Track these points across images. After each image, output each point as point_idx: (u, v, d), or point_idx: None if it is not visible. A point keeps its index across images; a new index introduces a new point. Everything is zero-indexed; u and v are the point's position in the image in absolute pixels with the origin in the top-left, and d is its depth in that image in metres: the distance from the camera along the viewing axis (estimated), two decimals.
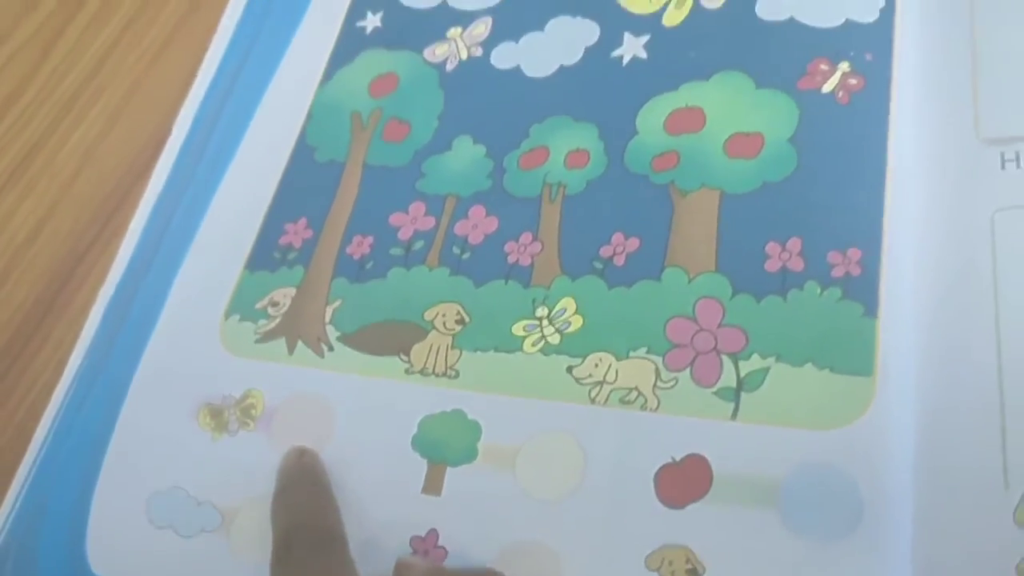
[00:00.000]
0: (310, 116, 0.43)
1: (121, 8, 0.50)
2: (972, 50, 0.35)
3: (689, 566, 0.30)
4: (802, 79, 0.36)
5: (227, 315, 0.39)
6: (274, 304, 0.38)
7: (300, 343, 0.37)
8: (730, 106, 0.36)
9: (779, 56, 0.37)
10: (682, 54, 0.38)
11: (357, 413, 0.35)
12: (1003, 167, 0.33)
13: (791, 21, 0.37)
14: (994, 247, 0.32)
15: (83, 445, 0.37)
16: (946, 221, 0.33)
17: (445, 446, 0.34)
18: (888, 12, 0.36)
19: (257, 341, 0.38)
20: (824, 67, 0.36)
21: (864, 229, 0.33)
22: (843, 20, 0.37)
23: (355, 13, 0.45)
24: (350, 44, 0.44)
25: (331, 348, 0.37)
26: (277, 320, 0.38)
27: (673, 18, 0.39)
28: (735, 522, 0.30)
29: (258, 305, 0.39)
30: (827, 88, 0.35)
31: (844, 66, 0.36)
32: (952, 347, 0.31)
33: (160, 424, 0.37)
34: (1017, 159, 0.33)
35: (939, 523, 0.28)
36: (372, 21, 0.45)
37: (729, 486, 0.30)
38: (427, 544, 0.32)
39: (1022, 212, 0.32)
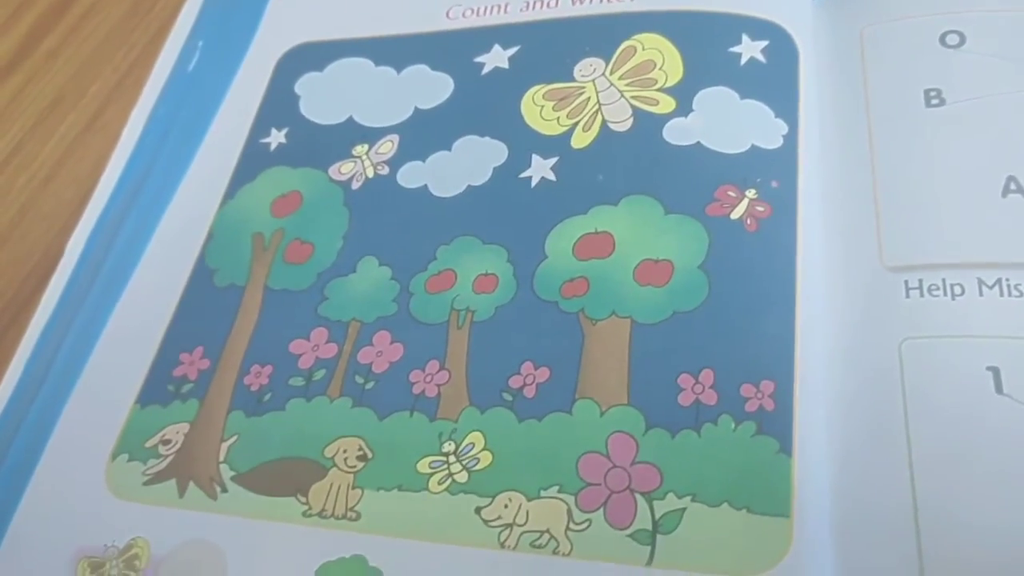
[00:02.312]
0: (211, 236, 0.41)
1: (13, 127, 0.48)
2: (873, 178, 0.35)
3: None
4: (710, 205, 0.36)
5: (114, 455, 0.36)
6: (165, 442, 0.36)
7: (191, 484, 0.35)
8: (639, 231, 0.36)
9: (687, 181, 0.37)
10: (591, 177, 0.38)
11: (251, 561, 0.33)
12: (907, 295, 0.33)
13: (698, 146, 0.37)
14: (903, 377, 0.32)
15: None
16: (856, 351, 0.32)
17: None
18: (791, 139, 0.37)
19: (146, 483, 0.35)
20: (732, 193, 0.36)
21: (776, 360, 0.32)
22: (748, 146, 0.37)
23: (259, 129, 0.44)
24: (253, 161, 0.43)
25: (224, 489, 0.34)
26: (168, 459, 0.36)
27: (581, 140, 0.39)
28: None
29: (148, 444, 0.36)
30: (735, 215, 0.35)
31: (751, 193, 0.36)
32: (866, 485, 0.30)
33: None
34: (921, 287, 0.33)
35: None
36: (276, 137, 0.44)
37: None
38: None
39: (928, 341, 0.32)
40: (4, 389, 0.39)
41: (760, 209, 0.35)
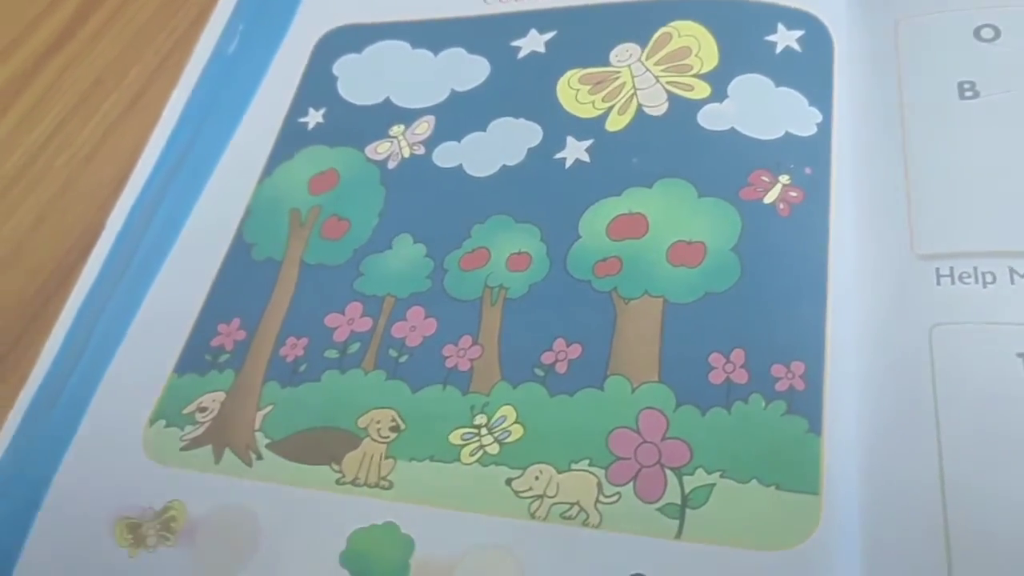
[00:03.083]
0: (249, 212, 0.42)
1: (56, 107, 0.49)
2: (905, 166, 0.35)
3: None
4: (744, 189, 0.36)
5: (152, 421, 0.37)
6: (202, 409, 0.37)
7: (228, 451, 0.36)
8: (673, 213, 0.36)
9: (721, 166, 0.37)
10: (625, 159, 0.38)
11: (284, 526, 0.33)
12: (938, 282, 0.33)
13: (732, 132, 0.38)
14: (933, 362, 0.32)
15: None
16: (886, 335, 0.33)
17: (375, 562, 0.32)
18: (825, 127, 0.37)
19: (183, 449, 0.36)
20: (765, 178, 0.36)
21: (807, 342, 0.33)
22: (783, 132, 0.37)
23: (297, 109, 0.45)
24: (291, 140, 0.44)
25: (260, 456, 0.35)
26: (205, 426, 0.36)
27: (616, 123, 0.40)
28: None
29: (185, 410, 0.37)
30: (768, 199, 0.36)
31: (784, 178, 0.36)
32: (895, 465, 0.30)
33: (74, 539, 0.35)
34: (952, 274, 0.33)
35: None
36: (314, 117, 0.44)
37: None
38: None
39: (958, 328, 0.32)
40: (46, 357, 0.40)
41: (793, 194, 0.36)
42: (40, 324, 0.41)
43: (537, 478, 0.32)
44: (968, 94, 0.37)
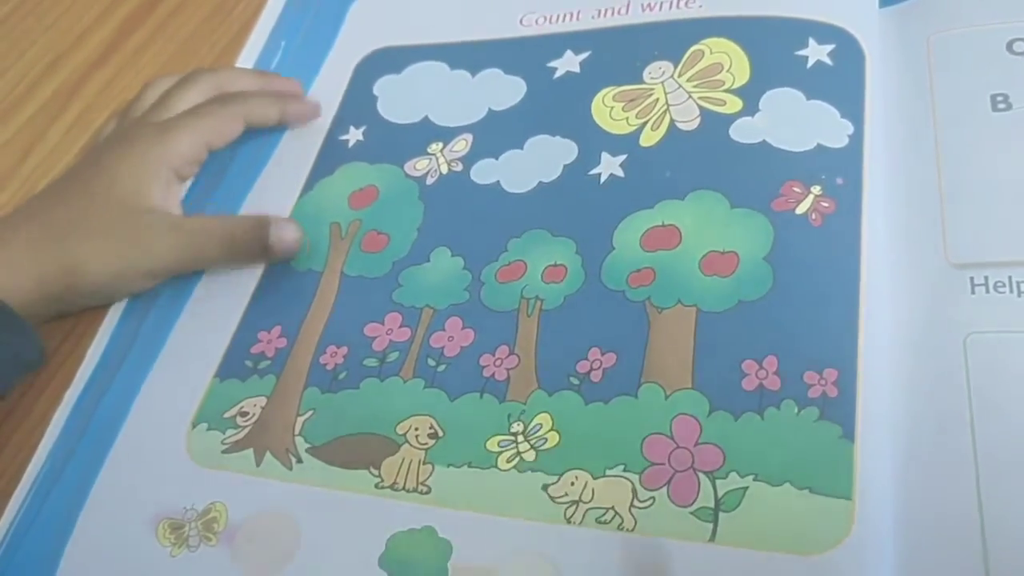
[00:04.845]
0: None
1: (101, 116, 0.51)
2: (938, 176, 0.36)
3: None
4: (776, 200, 0.37)
5: (194, 424, 0.38)
6: (243, 414, 0.38)
7: (268, 454, 0.36)
8: (705, 224, 0.37)
9: (753, 177, 0.38)
10: (658, 173, 0.39)
11: (324, 528, 0.34)
12: (973, 291, 0.33)
13: (763, 144, 0.38)
14: (967, 370, 0.32)
15: (34, 560, 0.36)
16: (920, 344, 0.33)
17: (414, 565, 0.33)
18: (857, 138, 0.37)
19: (224, 452, 0.37)
20: (797, 189, 0.37)
21: (840, 350, 0.33)
22: (814, 144, 0.38)
23: (338, 127, 0.46)
24: (332, 156, 0.45)
25: (300, 460, 0.36)
26: (246, 430, 0.37)
27: (649, 139, 0.40)
28: None
29: (227, 414, 0.38)
30: (800, 210, 0.36)
31: (816, 189, 0.36)
32: (929, 472, 0.30)
33: (118, 537, 0.36)
34: (987, 284, 0.33)
35: None
36: (354, 135, 0.46)
37: None
38: None
39: (993, 336, 0.32)
40: (89, 361, 0.41)
41: (825, 205, 0.36)
42: (83, 327, 0.42)
43: (573, 484, 0.33)
44: (1001, 106, 0.37)
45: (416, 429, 0.36)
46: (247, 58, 0.51)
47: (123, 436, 0.38)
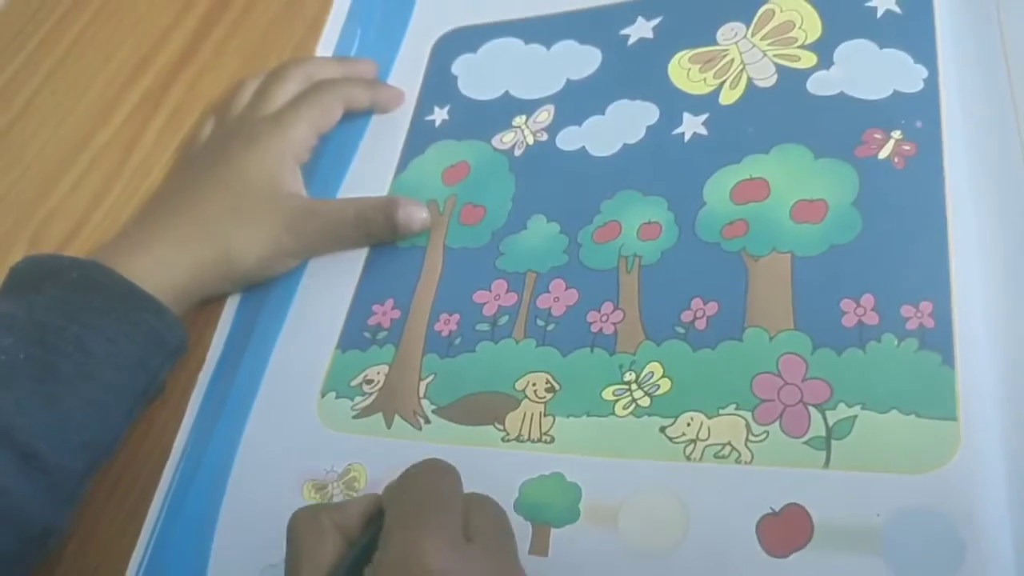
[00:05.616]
0: None
1: (193, 114, 0.53)
2: (1014, 109, 0.37)
3: None
4: (858, 148, 0.38)
5: (323, 393, 0.41)
6: (368, 381, 0.40)
7: (397, 417, 0.39)
8: (792, 175, 0.39)
9: (834, 128, 0.39)
10: (741, 130, 0.41)
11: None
12: None
13: (841, 95, 0.40)
14: None
15: (193, 525, 0.39)
16: (1009, 270, 0.35)
17: (548, 508, 0.35)
18: (932, 82, 0.39)
19: (355, 417, 0.40)
20: (878, 136, 0.38)
21: (933, 283, 0.35)
22: (891, 92, 0.39)
23: (423, 108, 0.49)
24: (420, 136, 0.48)
25: (428, 421, 0.39)
26: (373, 396, 0.40)
27: (729, 97, 0.42)
28: (841, 569, 0.31)
29: (353, 383, 0.41)
30: (883, 155, 0.38)
31: (896, 134, 0.38)
32: None
33: (266, 500, 0.39)
34: None
35: None
36: (439, 115, 0.48)
37: (830, 534, 0.32)
38: None
39: None
40: (216, 345, 0.44)
41: (907, 148, 0.38)
42: (207, 313, 0.45)
43: (689, 424, 0.35)
44: None
45: (534, 385, 0.38)
46: (325, 47, 0.53)
47: (257, 410, 0.41)
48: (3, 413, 0.36)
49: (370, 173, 0.47)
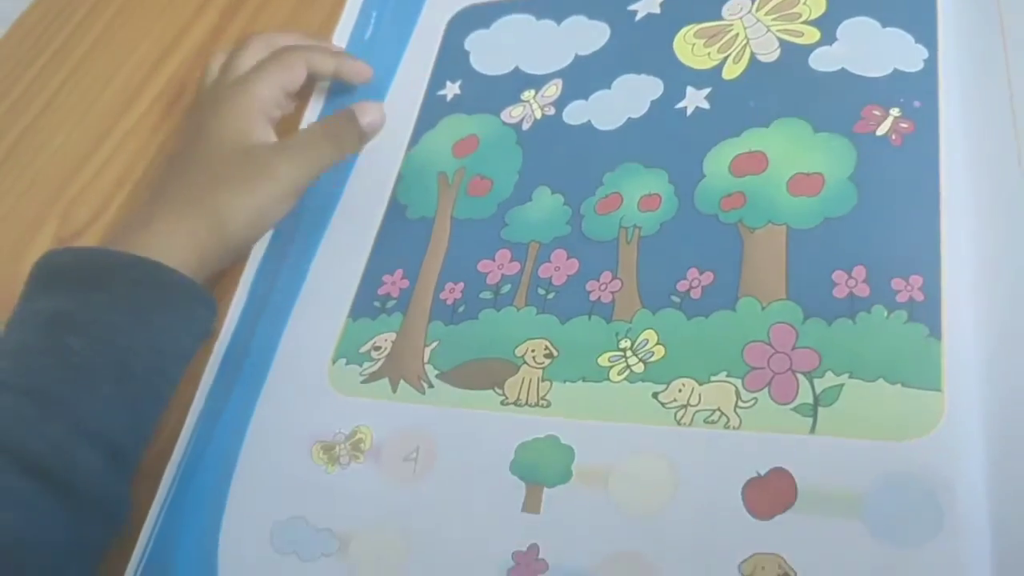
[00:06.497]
0: (400, 177, 0.47)
1: None
2: (1010, 93, 0.38)
3: (781, 572, 0.32)
4: (857, 124, 0.39)
5: (334, 360, 0.42)
6: (376, 348, 0.42)
7: (402, 382, 0.41)
8: (791, 149, 0.40)
9: (834, 103, 0.40)
10: (742, 104, 0.42)
11: (458, 442, 0.38)
12: None
13: (843, 72, 0.41)
14: None
15: (209, 482, 0.41)
16: (999, 249, 0.35)
17: (541, 469, 0.37)
18: (931, 62, 0.39)
19: (363, 382, 0.41)
20: (877, 112, 0.39)
21: (924, 258, 0.35)
22: (891, 70, 0.40)
23: (435, 83, 0.50)
24: (433, 111, 0.49)
25: (431, 385, 0.40)
26: (380, 362, 0.41)
27: (732, 72, 0.43)
28: (822, 531, 0.32)
29: (362, 349, 0.42)
30: (881, 132, 0.38)
31: (895, 112, 0.39)
32: (1015, 365, 0.33)
33: (278, 460, 0.40)
34: None
35: (1016, 526, 0.30)
36: (452, 89, 0.49)
37: (814, 497, 0.33)
38: (528, 558, 0.35)
39: None
40: (234, 309, 0.46)
41: (904, 126, 0.38)
42: (227, 280, 0.47)
43: (680, 390, 0.36)
44: None
45: (533, 351, 0.39)
46: (342, 33, 0.54)
47: (272, 376, 0.43)
48: (94, 417, 0.38)
49: (384, 146, 0.49)
